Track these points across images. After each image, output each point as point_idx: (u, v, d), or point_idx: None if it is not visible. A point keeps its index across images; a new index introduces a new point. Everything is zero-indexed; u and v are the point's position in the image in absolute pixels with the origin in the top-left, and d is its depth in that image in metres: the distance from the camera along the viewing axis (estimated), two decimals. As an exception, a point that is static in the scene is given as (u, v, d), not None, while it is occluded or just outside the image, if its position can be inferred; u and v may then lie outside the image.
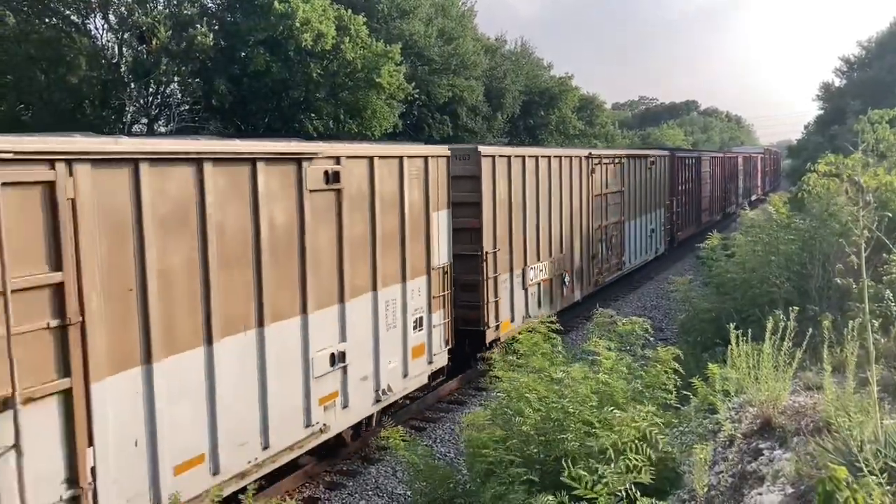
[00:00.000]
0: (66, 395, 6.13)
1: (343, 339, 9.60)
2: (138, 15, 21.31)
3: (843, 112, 41.91)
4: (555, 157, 16.68)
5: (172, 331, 7.11)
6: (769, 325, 5.49)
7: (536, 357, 6.62)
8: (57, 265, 6.00)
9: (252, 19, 22.47)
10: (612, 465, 4.53)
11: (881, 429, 4.08)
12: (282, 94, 24.31)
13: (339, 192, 9.38)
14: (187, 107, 23.76)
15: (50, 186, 5.97)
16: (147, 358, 6.86)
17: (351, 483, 9.89)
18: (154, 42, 21.32)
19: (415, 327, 11.30)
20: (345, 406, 9.74)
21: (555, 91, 42.74)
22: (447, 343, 12.25)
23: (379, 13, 29.53)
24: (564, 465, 4.64)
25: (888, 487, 3.51)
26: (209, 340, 7.51)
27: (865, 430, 4.02)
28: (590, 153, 18.88)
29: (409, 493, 8.88)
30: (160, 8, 22.50)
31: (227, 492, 7.65)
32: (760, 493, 4.23)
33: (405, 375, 11.12)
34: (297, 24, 21.97)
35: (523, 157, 15.03)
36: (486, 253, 13.37)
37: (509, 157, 14.44)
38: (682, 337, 11.62)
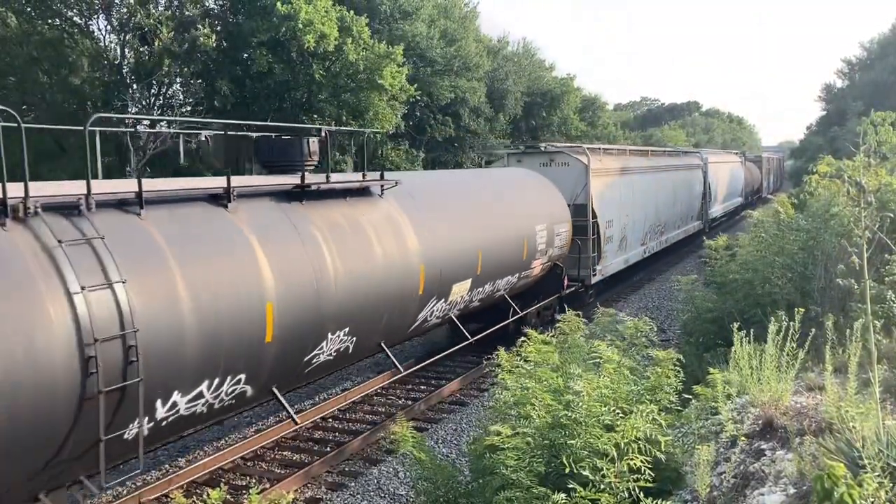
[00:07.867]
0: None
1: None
2: (140, 16, 21.36)
3: (845, 113, 41.99)
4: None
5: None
6: (772, 327, 5.49)
7: (545, 370, 6.54)
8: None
9: (254, 20, 22.51)
10: (615, 466, 4.52)
11: (883, 429, 4.09)
12: (284, 96, 24.36)
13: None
14: (189, 108, 23.81)
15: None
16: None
17: (353, 484, 9.89)
18: (156, 43, 21.38)
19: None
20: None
21: (557, 92, 42.81)
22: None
23: (381, 14, 29.59)
24: (566, 463, 4.64)
25: (890, 486, 3.52)
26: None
27: (867, 430, 4.04)
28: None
29: (411, 494, 8.88)
30: (162, 9, 22.56)
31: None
32: (763, 494, 4.24)
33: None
34: (300, 26, 22.00)
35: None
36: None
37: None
38: (684, 338, 11.62)
